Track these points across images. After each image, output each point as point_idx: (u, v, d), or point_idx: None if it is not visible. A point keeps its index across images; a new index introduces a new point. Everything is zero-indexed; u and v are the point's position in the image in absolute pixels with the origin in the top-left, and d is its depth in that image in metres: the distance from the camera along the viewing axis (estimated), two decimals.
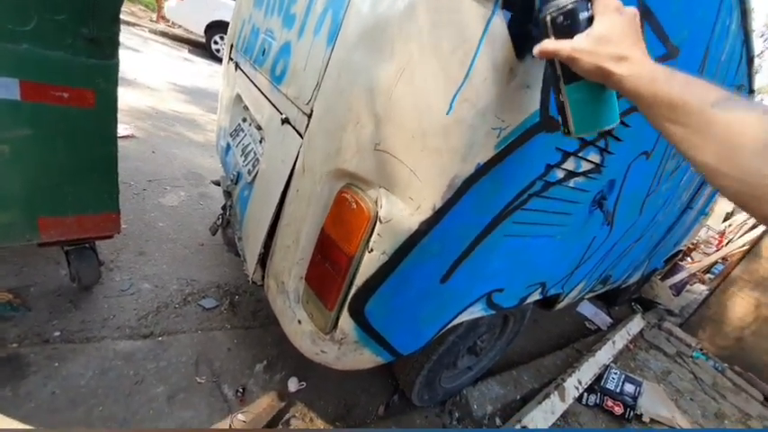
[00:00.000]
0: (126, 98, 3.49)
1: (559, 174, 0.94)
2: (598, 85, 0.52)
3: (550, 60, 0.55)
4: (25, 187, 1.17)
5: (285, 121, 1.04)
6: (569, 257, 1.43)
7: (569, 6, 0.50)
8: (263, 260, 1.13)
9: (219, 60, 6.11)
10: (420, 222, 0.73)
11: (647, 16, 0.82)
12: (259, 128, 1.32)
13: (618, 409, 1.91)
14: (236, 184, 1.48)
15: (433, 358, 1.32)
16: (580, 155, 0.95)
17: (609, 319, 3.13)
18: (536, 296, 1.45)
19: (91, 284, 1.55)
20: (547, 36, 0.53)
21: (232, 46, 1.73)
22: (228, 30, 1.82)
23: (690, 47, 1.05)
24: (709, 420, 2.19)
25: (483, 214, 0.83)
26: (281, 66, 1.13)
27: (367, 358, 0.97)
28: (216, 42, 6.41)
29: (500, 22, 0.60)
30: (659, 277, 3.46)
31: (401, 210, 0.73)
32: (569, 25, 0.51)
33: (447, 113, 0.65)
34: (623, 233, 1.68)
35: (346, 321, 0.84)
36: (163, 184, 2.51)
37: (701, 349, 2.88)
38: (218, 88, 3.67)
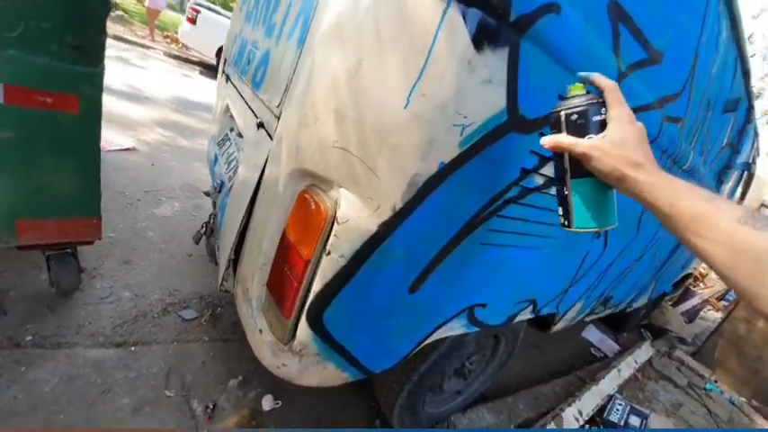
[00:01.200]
0: (134, 113, 3.61)
1: (538, 180, 0.90)
2: (603, 184, 0.54)
3: (560, 154, 0.57)
4: (5, 189, 1.17)
5: (260, 125, 1.03)
6: (561, 274, 1.36)
7: (583, 108, 0.54)
8: (235, 267, 1.10)
9: None
10: (379, 224, 0.69)
11: (623, 18, 0.80)
12: (241, 136, 1.32)
13: None
14: (219, 192, 1.47)
15: (413, 379, 1.24)
16: None
17: (616, 346, 2.97)
18: (527, 315, 1.37)
19: (70, 290, 1.52)
20: (559, 131, 0.56)
21: (225, 60, 1.77)
22: (224, 46, 1.87)
23: (676, 53, 1.02)
24: None
25: (452, 219, 0.78)
26: (260, 73, 1.13)
27: (332, 374, 0.91)
28: None
29: (456, 14, 0.58)
30: (670, 303, 3.29)
31: (360, 210, 0.69)
32: (582, 124, 0.54)
33: (404, 108, 0.62)
34: (620, 251, 1.60)
35: (304, 330, 0.79)
36: (158, 194, 2.52)
37: (715, 381, 2.68)
38: None
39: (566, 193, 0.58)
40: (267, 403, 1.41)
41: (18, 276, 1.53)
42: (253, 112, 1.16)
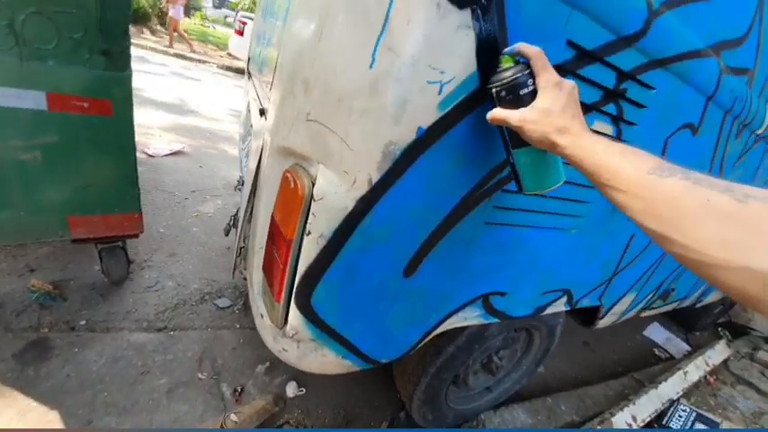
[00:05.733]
0: (184, 122, 3.93)
1: None
2: (542, 150, 0.57)
3: (500, 126, 0.61)
4: (56, 189, 1.32)
5: (262, 112, 1.04)
6: (599, 259, 1.20)
7: (509, 82, 0.55)
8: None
9: None
10: (357, 200, 0.64)
11: None
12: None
13: None
14: (242, 186, 1.52)
15: (430, 371, 1.17)
16: None
17: (686, 347, 2.59)
18: (560, 306, 1.23)
19: (119, 280, 1.68)
20: (494, 105, 0.58)
21: (249, 58, 1.83)
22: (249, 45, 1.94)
23: None
24: None
25: (443, 194, 0.71)
26: (264, 60, 1.14)
27: (332, 361, 0.88)
28: None
29: None
30: None
31: (336, 186, 0.65)
32: (512, 99, 0.56)
33: (370, 68, 0.57)
34: None
35: (295, 315, 0.77)
36: (204, 194, 2.71)
37: None
38: None
39: (511, 161, 0.63)
40: (291, 389, 1.43)
41: (79, 268, 1.73)
42: (259, 100, 1.17)
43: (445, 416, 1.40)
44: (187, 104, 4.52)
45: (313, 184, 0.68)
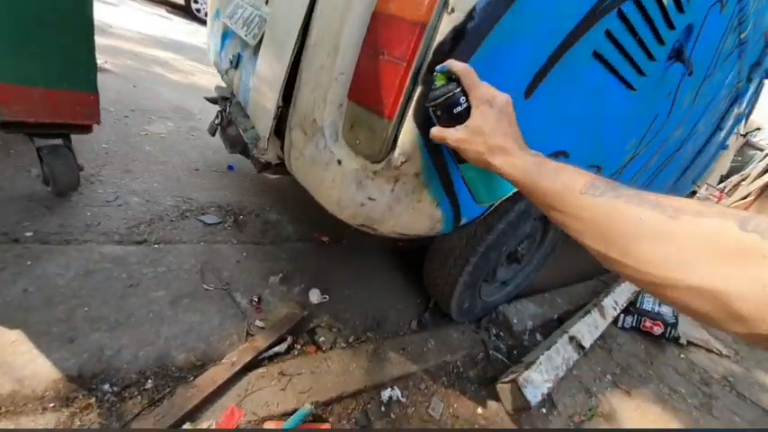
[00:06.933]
0: (101, 42, 3.14)
1: None
2: None
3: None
4: None
5: None
6: (631, 135, 1.24)
7: (442, 102, 0.54)
8: (282, 119, 0.92)
9: (199, 21, 5.69)
10: None
11: None
12: None
13: (657, 329, 1.80)
14: (236, 67, 1.25)
15: (479, 249, 1.15)
16: None
17: None
18: None
19: (67, 188, 1.31)
20: (435, 123, 0.57)
21: None
22: None
23: None
24: (741, 345, 2.11)
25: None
26: None
27: (425, 209, 0.78)
28: (196, 1, 5.96)
29: None
30: None
31: None
32: (447, 118, 0.54)
33: None
34: (676, 126, 1.51)
35: (410, 131, 0.64)
36: (147, 114, 2.24)
37: None
38: (196, 43, 3.54)
39: (460, 174, 0.62)
40: (315, 296, 1.30)
41: (4, 179, 1.30)
42: None
43: (475, 306, 1.41)
44: (100, 25, 3.63)
45: None
